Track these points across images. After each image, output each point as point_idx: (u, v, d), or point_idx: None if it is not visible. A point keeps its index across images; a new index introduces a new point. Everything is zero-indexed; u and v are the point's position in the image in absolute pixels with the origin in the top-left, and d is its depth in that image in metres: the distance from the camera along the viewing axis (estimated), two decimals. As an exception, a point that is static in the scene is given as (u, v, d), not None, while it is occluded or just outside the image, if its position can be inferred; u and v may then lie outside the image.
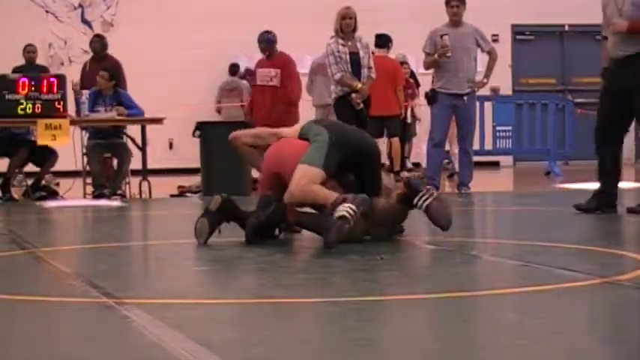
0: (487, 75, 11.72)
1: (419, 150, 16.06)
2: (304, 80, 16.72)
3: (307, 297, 4.51)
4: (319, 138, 6.55)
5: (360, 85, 10.94)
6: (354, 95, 10.91)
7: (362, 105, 10.96)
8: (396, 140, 14.61)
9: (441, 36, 11.27)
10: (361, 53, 11.11)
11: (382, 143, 14.63)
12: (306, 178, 6.38)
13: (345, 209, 6.05)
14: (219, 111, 17.85)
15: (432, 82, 11.84)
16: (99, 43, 13.53)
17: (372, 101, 13.62)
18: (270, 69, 12.53)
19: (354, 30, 11.15)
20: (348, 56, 11.00)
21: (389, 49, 14.34)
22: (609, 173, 8.33)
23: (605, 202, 8.24)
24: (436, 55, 11.30)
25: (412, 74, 16.47)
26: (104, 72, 12.04)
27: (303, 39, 17.90)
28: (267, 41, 12.57)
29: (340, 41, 11.09)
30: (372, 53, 11.84)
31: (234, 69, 18.07)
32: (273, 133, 6.98)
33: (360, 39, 11.25)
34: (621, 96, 8.16)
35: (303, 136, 6.68)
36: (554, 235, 6.67)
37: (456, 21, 11.44)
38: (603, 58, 8.59)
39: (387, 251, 6.00)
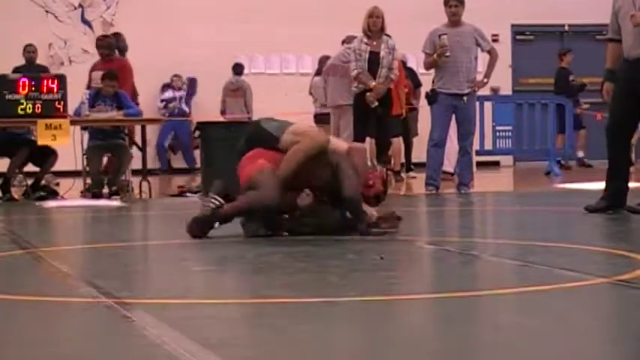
0: (487, 74, 11.71)
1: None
2: (306, 80, 16.82)
3: (307, 297, 4.51)
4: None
5: (373, 84, 11.16)
6: (368, 94, 11.16)
7: (376, 103, 11.22)
8: (396, 140, 14.61)
9: (439, 36, 11.28)
10: (382, 53, 11.29)
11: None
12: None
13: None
14: (222, 112, 17.89)
15: (433, 82, 11.85)
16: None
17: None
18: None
19: (382, 29, 11.35)
20: (367, 54, 11.25)
21: (390, 49, 14.33)
22: (619, 173, 8.28)
23: (615, 201, 8.19)
24: (435, 56, 11.31)
25: (411, 71, 16.45)
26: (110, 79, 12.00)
27: (304, 39, 17.92)
28: (107, 46, 13.03)
29: (364, 40, 11.34)
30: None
31: (238, 69, 18.11)
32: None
33: (388, 40, 11.41)
34: (634, 97, 8.12)
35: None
36: (554, 235, 6.67)
37: (455, 21, 11.44)
38: (611, 59, 8.51)
39: (387, 251, 6.00)
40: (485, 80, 11.75)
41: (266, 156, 6.95)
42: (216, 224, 6.79)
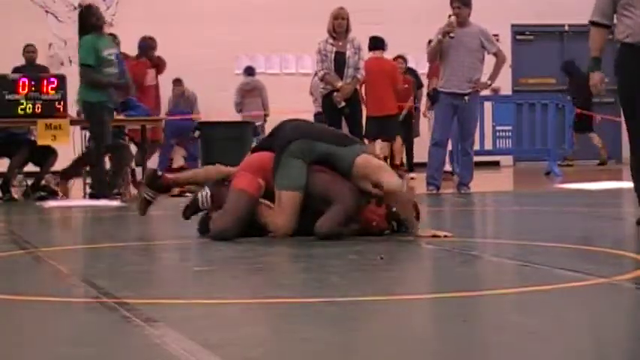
0: (492, 77, 11.64)
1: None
2: (306, 80, 16.82)
3: (307, 297, 4.51)
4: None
5: (340, 84, 11.25)
6: (335, 94, 11.26)
7: (343, 103, 11.29)
8: (396, 140, 14.65)
9: (449, 15, 11.24)
10: (348, 53, 11.38)
11: (378, 144, 14.61)
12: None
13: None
14: (239, 110, 17.99)
15: (429, 82, 11.86)
16: None
17: (370, 101, 13.66)
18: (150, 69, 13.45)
19: (347, 30, 11.44)
20: (333, 55, 11.35)
21: (383, 50, 14.30)
22: None
23: None
24: (440, 36, 11.21)
25: (412, 72, 16.45)
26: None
27: (303, 39, 17.90)
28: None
29: (330, 40, 11.46)
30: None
31: (249, 70, 18.23)
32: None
33: (353, 40, 11.48)
34: None
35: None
36: (554, 235, 6.67)
37: (459, 22, 11.41)
38: (599, 46, 7.31)
39: (387, 251, 6.00)
40: (489, 82, 11.71)
41: (266, 170, 6.76)
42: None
